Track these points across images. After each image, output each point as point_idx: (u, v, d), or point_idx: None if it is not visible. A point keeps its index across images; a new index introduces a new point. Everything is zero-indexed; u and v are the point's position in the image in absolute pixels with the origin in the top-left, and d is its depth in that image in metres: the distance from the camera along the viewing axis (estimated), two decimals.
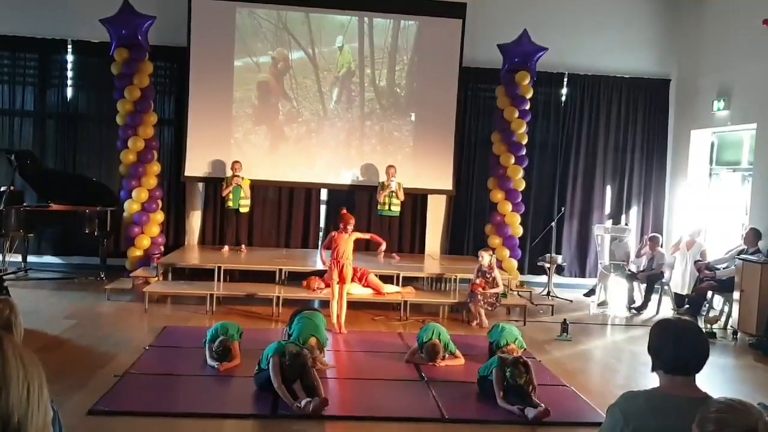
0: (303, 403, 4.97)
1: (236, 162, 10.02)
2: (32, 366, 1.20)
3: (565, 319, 8.08)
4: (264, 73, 10.74)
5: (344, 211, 8.02)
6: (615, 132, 11.48)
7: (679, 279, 10.00)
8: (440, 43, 10.76)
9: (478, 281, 8.38)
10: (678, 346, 2.33)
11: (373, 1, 10.64)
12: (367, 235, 8.27)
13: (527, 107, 10.55)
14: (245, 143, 10.70)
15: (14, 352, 1.17)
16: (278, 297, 8.36)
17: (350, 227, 7.62)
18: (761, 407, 1.70)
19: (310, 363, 5.37)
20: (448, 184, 10.98)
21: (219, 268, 8.81)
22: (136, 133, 9.93)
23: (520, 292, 9.77)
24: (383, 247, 8.27)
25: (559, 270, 10.93)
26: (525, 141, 10.56)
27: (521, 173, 10.55)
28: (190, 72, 10.43)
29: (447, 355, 6.46)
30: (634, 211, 11.55)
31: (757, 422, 1.61)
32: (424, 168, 10.86)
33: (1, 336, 1.19)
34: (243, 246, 10.16)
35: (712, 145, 10.99)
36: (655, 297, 9.73)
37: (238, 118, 10.73)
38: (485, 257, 8.44)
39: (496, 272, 8.46)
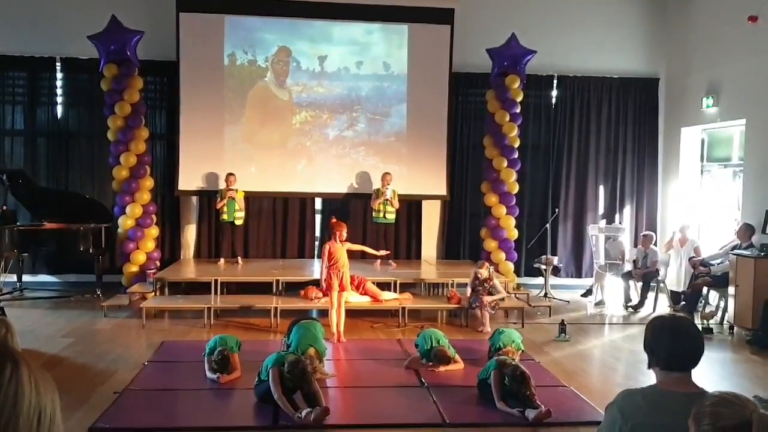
0: (304, 413, 4.96)
1: (230, 174, 10.01)
2: (47, 393, 1.19)
3: (563, 320, 8.10)
4: (257, 83, 10.76)
5: (334, 220, 7.96)
6: (606, 132, 11.53)
7: (674, 276, 10.03)
8: (430, 49, 10.80)
9: (480, 290, 8.39)
10: (673, 343, 2.35)
11: (363, 10, 10.67)
12: (358, 247, 8.16)
13: (518, 110, 10.58)
14: (238, 155, 10.69)
15: (30, 379, 1.17)
16: (276, 308, 8.35)
17: (342, 236, 7.60)
18: (756, 400, 1.71)
19: (309, 369, 5.36)
20: (441, 190, 11.00)
21: (216, 281, 8.81)
22: (128, 149, 9.92)
23: (517, 295, 9.79)
24: (382, 252, 8.72)
25: (556, 271, 10.95)
26: (517, 144, 10.60)
27: (514, 176, 10.58)
28: (181, 86, 10.44)
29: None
30: (628, 210, 11.58)
31: (752, 415, 1.62)
32: (418, 174, 10.88)
33: (19, 361, 1.18)
34: (239, 258, 10.18)
35: (703, 141, 11.05)
36: (651, 295, 9.77)
37: (230, 131, 10.73)
38: (484, 273, 8.46)
39: (496, 281, 8.49)
